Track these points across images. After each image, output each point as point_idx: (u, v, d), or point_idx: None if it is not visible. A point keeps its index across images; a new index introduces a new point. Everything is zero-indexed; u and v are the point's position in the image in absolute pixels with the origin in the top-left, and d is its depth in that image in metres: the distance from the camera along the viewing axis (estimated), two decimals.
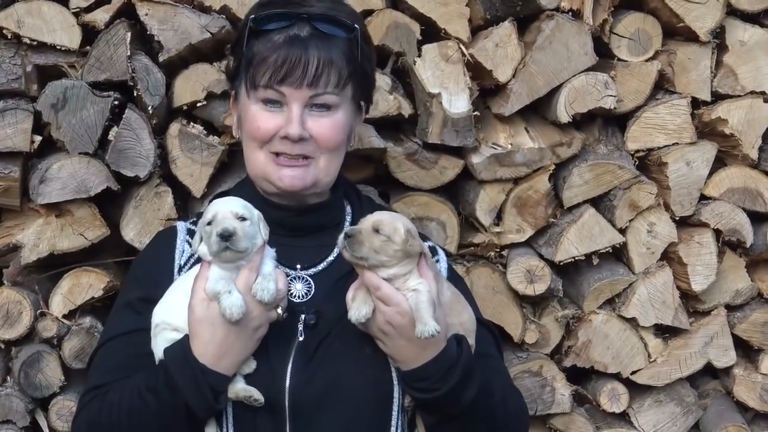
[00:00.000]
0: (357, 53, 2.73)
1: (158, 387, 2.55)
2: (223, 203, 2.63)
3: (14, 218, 3.40)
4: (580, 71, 3.43)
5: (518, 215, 3.53)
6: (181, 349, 2.56)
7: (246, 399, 2.58)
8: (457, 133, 3.38)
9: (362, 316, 2.58)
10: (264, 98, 2.71)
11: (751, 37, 3.57)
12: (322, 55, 2.67)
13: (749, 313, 3.74)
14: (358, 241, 2.58)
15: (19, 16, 3.24)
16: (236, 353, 2.57)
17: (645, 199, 3.53)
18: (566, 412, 3.63)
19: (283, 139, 2.70)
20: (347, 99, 2.76)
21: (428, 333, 2.52)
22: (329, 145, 2.74)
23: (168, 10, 3.29)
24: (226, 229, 2.52)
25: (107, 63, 3.27)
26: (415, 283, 2.58)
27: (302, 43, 2.67)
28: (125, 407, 2.59)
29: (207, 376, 2.53)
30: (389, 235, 2.57)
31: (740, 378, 3.77)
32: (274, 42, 2.68)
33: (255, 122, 2.73)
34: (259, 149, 2.75)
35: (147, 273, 2.82)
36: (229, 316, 2.51)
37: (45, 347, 3.39)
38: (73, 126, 3.26)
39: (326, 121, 2.72)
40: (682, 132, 3.55)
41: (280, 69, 2.66)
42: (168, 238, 2.86)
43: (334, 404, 2.63)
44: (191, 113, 3.41)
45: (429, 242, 2.98)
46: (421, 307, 2.55)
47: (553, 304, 3.61)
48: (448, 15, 3.38)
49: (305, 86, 2.67)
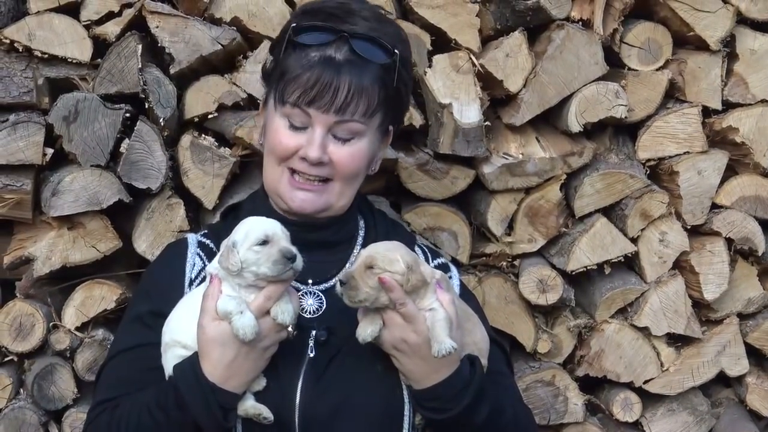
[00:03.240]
0: (393, 79, 2.69)
1: (168, 404, 2.53)
2: (269, 224, 2.57)
3: (26, 231, 3.41)
4: (590, 81, 3.43)
5: (530, 225, 3.52)
6: (190, 367, 2.55)
7: (255, 417, 2.57)
8: (469, 144, 3.37)
9: (368, 335, 2.55)
10: (290, 115, 2.68)
11: (761, 45, 3.57)
12: (354, 81, 2.63)
13: (762, 322, 3.73)
14: (352, 286, 2.54)
15: (31, 29, 3.24)
16: (246, 372, 2.55)
17: (656, 208, 3.52)
18: (579, 422, 3.62)
19: (301, 160, 2.68)
20: (374, 128, 2.73)
21: (445, 351, 2.49)
22: (347, 173, 2.72)
23: (179, 23, 3.30)
24: (289, 250, 2.50)
25: (118, 75, 3.28)
26: (431, 302, 2.55)
27: (336, 67, 2.63)
28: (134, 424, 2.57)
29: (216, 395, 2.51)
30: (384, 269, 2.53)
31: (753, 386, 3.76)
32: (310, 59, 2.65)
33: (277, 137, 2.71)
34: (277, 164, 2.73)
35: (156, 286, 2.80)
36: (243, 337, 2.48)
37: (58, 360, 3.39)
38: (85, 138, 3.26)
39: (348, 149, 2.70)
40: (693, 141, 3.54)
41: (310, 90, 2.63)
42: (178, 250, 2.85)
43: (344, 421, 2.61)
44: (202, 125, 3.41)
45: (441, 258, 2.98)
46: (437, 326, 2.52)
47: (566, 314, 3.61)
48: (458, 25, 3.38)
49: (332, 112, 2.64)
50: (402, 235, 2.94)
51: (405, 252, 2.58)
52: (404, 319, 2.53)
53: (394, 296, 2.52)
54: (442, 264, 2.94)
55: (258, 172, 3.38)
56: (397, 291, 2.52)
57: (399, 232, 2.97)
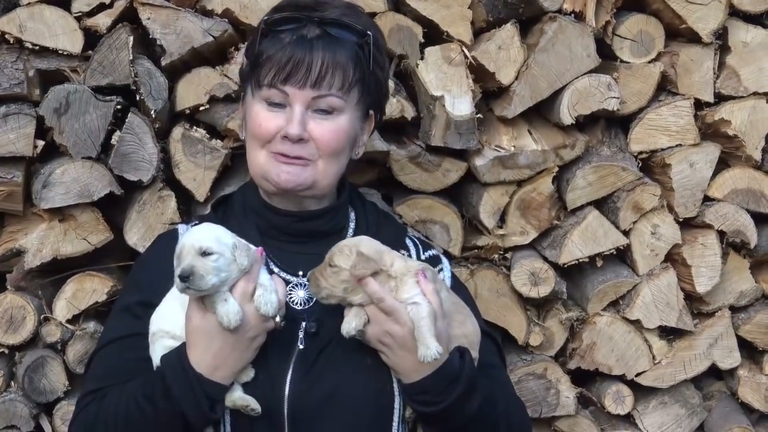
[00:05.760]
0: (367, 58, 2.71)
1: (155, 395, 2.53)
2: (189, 235, 2.57)
3: (17, 223, 3.40)
4: (582, 73, 3.42)
5: (522, 217, 3.52)
6: (177, 357, 2.55)
7: (243, 408, 2.56)
8: (460, 136, 3.37)
9: (352, 329, 2.56)
10: (268, 98, 2.70)
11: (753, 38, 3.56)
12: (328, 56, 2.65)
13: (754, 315, 3.73)
14: (314, 283, 2.58)
15: (22, 21, 3.23)
16: (233, 363, 2.55)
17: (649, 200, 3.52)
18: (571, 415, 3.62)
19: (283, 139, 2.68)
20: (352, 104, 2.74)
21: (431, 357, 2.50)
22: (329, 149, 2.71)
23: (170, 14, 3.29)
24: (183, 269, 2.47)
25: (110, 67, 3.27)
26: (413, 295, 2.55)
27: (308, 44, 2.65)
28: (122, 414, 2.57)
29: (203, 385, 2.52)
30: (338, 264, 2.55)
31: (745, 379, 3.76)
32: (282, 42, 2.67)
33: (257, 120, 2.72)
34: (260, 148, 2.73)
35: (147, 277, 2.80)
36: (227, 324, 2.49)
37: (49, 352, 3.39)
38: (76, 130, 3.25)
39: (328, 125, 2.70)
40: (685, 133, 3.54)
41: (284, 68, 2.64)
42: (169, 241, 2.83)
43: (334, 414, 2.61)
44: (194, 117, 3.40)
45: (432, 250, 2.98)
46: (422, 324, 2.52)
47: (558, 307, 3.61)
48: (450, 17, 3.37)
49: (308, 87, 2.65)
50: (393, 227, 2.95)
51: (367, 243, 2.60)
52: (385, 313, 2.54)
53: (369, 291, 2.54)
54: (433, 256, 2.94)
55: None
56: (371, 285, 2.54)
57: (390, 224, 2.97)
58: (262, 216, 2.79)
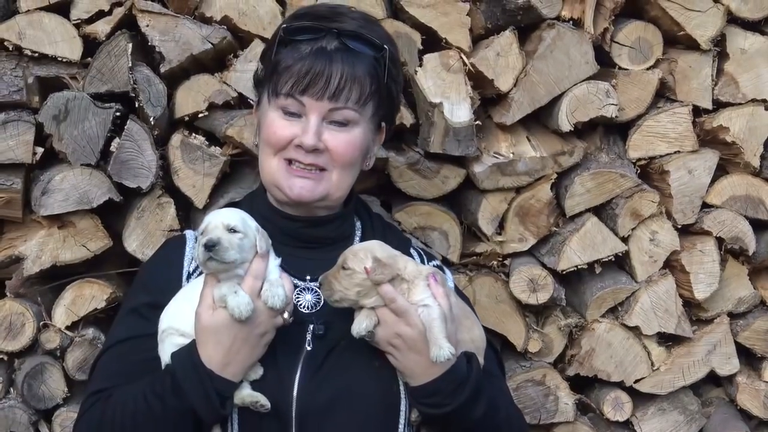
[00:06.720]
0: (383, 73, 2.74)
1: (164, 392, 2.54)
2: (217, 214, 2.63)
3: (17, 230, 3.40)
4: (581, 80, 3.43)
5: (520, 224, 3.52)
6: (188, 354, 2.56)
7: (252, 405, 2.58)
8: (459, 143, 3.37)
9: (363, 329, 2.58)
10: (284, 106, 2.72)
11: (751, 45, 3.57)
12: (347, 69, 2.68)
13: (752, 321, 3.73)
14: (326, 287, 2.61)
15: (21, 28, 3.24)
16: (243, 359, 2.57)
17: (647, 207, 3.53)
18: (570, 421, 3.62)
19: (297, 148, 2.71)
20: (367, 117, 2.76)
21: (444, 357, 2.52)
22: (343, 161, 2.74)
23: (169, 21, 3.30)
24: (210, 239, 2.52)
25: (109, 74, 3.27)
26: (424, 297, 2.57)
27: (328, 56, 2.68)
28: (129, 411, 2.58)
29: (214, 382, 2.53)
30: (353, 267, 2.57)
31: (743, 386, 3.77)
32: (301, 52, 2.69)
33: (272, 128, 2.74)
34: (273, 156, 2.76)
35: (155, 278, 2.82)
36: (239, 315, 2.51)
37: (48, 359, 3.39)
38: (75, 137, 3.26)
39: (343, 137, 2.73)
40: (683, 140, 3.55)
41: (303, 79, 2.67)
42: (177, 245, 2.87)
43: (341, 414, 2.62)
44: (193, 124, 3.41)
45: (435, 261, 3.00)
46: (433, 325, 2.54)
47: (556, 313, 3.61)
48: (449, 24, 3.38)
49: (326, 99, 2.68)
50: (397, 239, 2.97)
51: (380, 248, 2.63)
52: (396, 314, 2.56)
53: (382, 291, 2.56)
54: (436, 267, 2.94)
55: (248, 171, 3.41)
56: (384, 287, 2.56)
57: (394, 235, 3.00)
58: (271, 221, 2.80)
